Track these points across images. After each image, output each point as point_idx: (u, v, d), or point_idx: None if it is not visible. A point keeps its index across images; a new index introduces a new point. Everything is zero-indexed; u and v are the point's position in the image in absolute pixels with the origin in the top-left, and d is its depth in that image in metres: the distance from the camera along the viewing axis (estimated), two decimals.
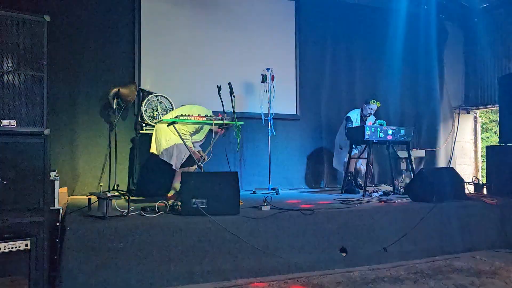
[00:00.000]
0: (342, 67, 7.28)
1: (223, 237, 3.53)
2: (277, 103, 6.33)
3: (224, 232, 3.53)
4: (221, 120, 4.45)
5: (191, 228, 3.46)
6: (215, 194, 3.70)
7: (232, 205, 3.73)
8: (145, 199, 5.02)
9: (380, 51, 7.58)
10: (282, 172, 6.72)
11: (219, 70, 6.29)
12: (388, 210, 4.24)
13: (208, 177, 3.83)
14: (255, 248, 3.60)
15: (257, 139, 6.60)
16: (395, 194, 5.51)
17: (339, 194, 5.65)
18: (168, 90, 5.91)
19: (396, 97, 7.69)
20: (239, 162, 6.51)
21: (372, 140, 5.26)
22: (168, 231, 3.40)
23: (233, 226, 3.57)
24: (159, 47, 6.06)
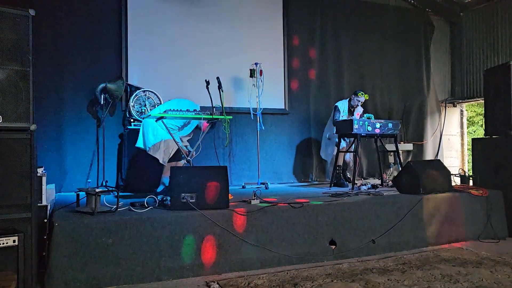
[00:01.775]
0: (331, 61, 7.31)
1: (213, 231, 3.54)
2: (265, 98, 6.34)
3: (214, 226, 3.54)
4: (209, 114, 4.44)
5: (180, 222, 3.47)
6: (204, 188, 3.70)
7: (222, 199, 3.74)
8: (134, 195, 5.01)
9: (368, 44, 7.63)
10: (271, 166, 6.75)
11: (207, 64, 6.27)
12: (377, 203, 4.28)
13: (197, 171, 3.83)
14: (244, 241, 3.62)
15: (246, 133, 6.61)
16: (383, 187, 5.56)
17: (328, 187, 5.69)
18: (156, 85, 5.88)
19: (384, 90, 7.75)
20: (228, 157, 6.51)
21: (360, 133, 5.30)
22: (158, 225, 3.40)
23: (222, 219, 3.59)
24: (147, 42, 6.03)
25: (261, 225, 3.73)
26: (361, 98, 5.97)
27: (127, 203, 3.93)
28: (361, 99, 5.98)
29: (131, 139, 5.47)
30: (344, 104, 6.09)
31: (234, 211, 3.67)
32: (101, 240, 3.24)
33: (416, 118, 7.89)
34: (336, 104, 6.09)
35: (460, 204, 4.70)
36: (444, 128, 8.12)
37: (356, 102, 6.00)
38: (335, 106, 6.07)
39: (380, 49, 7.74)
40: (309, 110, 7.14)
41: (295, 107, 7.04)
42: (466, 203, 4.73)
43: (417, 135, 7.85)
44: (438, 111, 8.12)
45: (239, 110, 6.48)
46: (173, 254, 3.41)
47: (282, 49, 6.93)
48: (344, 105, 6.07)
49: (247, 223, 3.68)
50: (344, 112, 6.04)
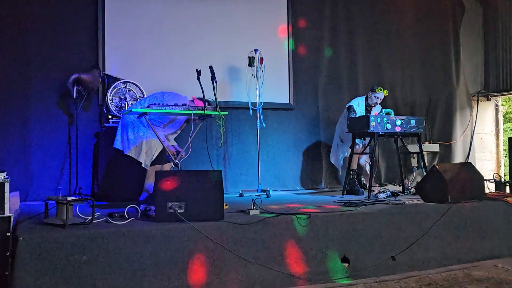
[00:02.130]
0: (343, 48, 7.32)
1: (205, 247, 3.54)
2: (267, 90, 6.35)
3: (206, 241, 3.54)
4: (201, 110, 4.45)
5: (167, 236, 3.47)
6: (195, 196, 3.70)
7: (215, 209, 3.74)
8: (113, 204, 5.01)
9: (387, 29, 7.64)
10: (274, 171, 6.76)
11: (198, 51, 6.28)
12: (397, 213, 4.28)
13: (187, 176, 3.83)
14: (242, 258, 3.62)
15: (244, 132, 6.61)
16: (404, 195, 5.56)
17: (340, 195, 5.70)
18: (138, 75, 5.88)
19: (406, 82, 7.76)
20: (223, 159, 6.52)
21: (377, 132, 5.31)
22: (140, 240, 3.40)
23: (216, 233, 3.58)
24: (127, 25, 6.03)
25: (262, 239, 3.73)
26: (380, 94, 5.94)
27: (104, 213, 3.93)
28: (380, 96, 5.95)
29: (109, 139, 5.46)
30: (360, 103, 6.07)
31: (230, 223, 3.66)
32: (73, 257, 3.24)
33: (443, 114, 7.90)
34: (351, 104, 6.06)
35: (495, 214, 4.70)
36: (476, 125, 8.13)
37: (374, 100, 5.97)
38: (349, 106, 6.04)
39: (401, 33, 7.75)
40: (318, 105, 7.16)
41: (302, 101, 7.04)
42: (502, 213, 4.73)
43: (444, 134, 7.86)
44: (469, 106, 8.12)
45: (236, 104, 6.48)
46: (158, 273, 3.41)
47: (286, 33, 6.95)
48: (360, 104, 6.05)
49: (246, 237, 3.68)
50: (361, 112, 6.02)
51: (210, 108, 4.48)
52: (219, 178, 3.79)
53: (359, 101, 6.11)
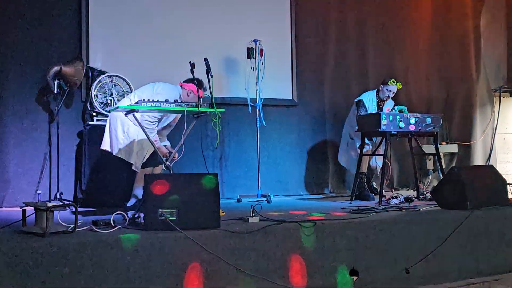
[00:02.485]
0: (352, 37, 7.34)
1: (200, 258, 3.54)
2: (267, 85, 6.36)
3: (201, 251, 3.54)
4: (195, 106, 4.45)
5: (157, 246, 3.47)
6: (188, 202, 3.70)
7: (211, 216, 3.74)
8: (98, 210, 5.01)
9: (400, 17, 7.65)
10: (275, 174, 6.77)
11: (192, 42, 6.28)
12: (411, 221, 4.28)
13: (179, 180, 3.82)
14: (240, 271, 3.62)
15: (242, 131, 6.63)
16: (419, 200, 5.57)
17: (349, 201, 5.70)
18: (126, 68, 5.88)
19: (421, 76, 7.78)
20: (219, 161, 6.53)
21: (389, 131, 5.31)
22: (128, 250, 3.40)
23: (212, 243, 3.58)
24: (114, 14, 6.04)
25: (262, 249, 3.73)
26: (393, 87, 5.95)
27: (88, 221, 3.93)
28: (393, 89, 5.97)
29: (93, 138, 5.48)
30: (370, 97, 6.09)
31: (227, 232, 3.66)
32: (54, 269, 3.24)
33: (462, 112, 7.91)
34: (360, 98, 6.09)
35: None
36: (498, 124, 8.13)
37: (386, 94, 5.99)
38: (359, 101, 6.07)
39: (415, 21, 7.77)
40: (324, 101, 7.18)
41: (306, 96, 7.06)
42: None
43: (463, 134, 7.87)
44: (490, 103, 8.13)
45: (234, 100, 6.49)
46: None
47: (289, 21, 6.97)
48: (371, 99, 6.07)
49: (244, 247, 3.68)
50: (372, 108, 6.04)
51: (204, 104, 4.48)
52: (215, 182, 3.79)
53: (369, 95, 6.11)
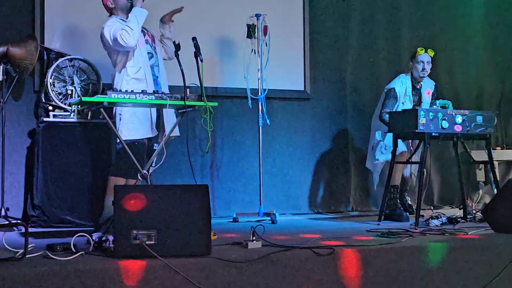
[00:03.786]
0: (381, 12, 7.40)
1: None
2: (273, 73, 6.38)
3: (187, 285, 3.54)
4: (180, 99, 4.46)
5: (131, 277, 3.47)
6: (171, 222, 3.71)
7: (199, 240, 3.74)
8: (54, 231, 4.99)
9: None
10: (282, 186, 6.79)
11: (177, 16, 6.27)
12: (456, 248, 4.28)
13: (159, 193, 3.82)
14: None
15: (239, 130, 6.66)
16: (467, 222, 5.56)
17: (376, 222, 5.70)
18: (92, 50, 5.87)
19: (469, 62, 7.78)
20: (209, 169, 6.55)
21: (429, 132, 5.31)
22: (93, 283, 3.40)
23: (200, 274, 3.59)
24: None
25: (265, 283, 3.73)
26: (423, 56, 6.06)
27: (42, 245, 3.93)
28: (424, 58, 6.07)
29: (49, 139, 5.47)
30: (404, 82, 6.15)
31: (220, 260, 3.67)
32: None
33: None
34: (391, 86, 6.12)
35: None
36: None
37: (419, 69, 6.08)
38: (389, 90, 6.11)
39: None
40: (346, 93, 7.20)
41: (323, 88, 7.09)
42: None
43: None
44: None
45: (229, 92, 6.52)
46: None
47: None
48: (404, 84, 6.13)
49: (242, 280, 3.68)
50: (407, 95, 6.09)
51: (192, 97, 4.49)
52: (205, 196, 3.80)
53: (402, 80, 6.18)
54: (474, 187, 7.26)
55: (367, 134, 6.66)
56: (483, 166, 6.92)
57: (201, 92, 4.58)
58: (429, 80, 6.27)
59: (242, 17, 6.29)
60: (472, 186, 7.26)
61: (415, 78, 6.13)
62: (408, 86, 6.11)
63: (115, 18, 4.92)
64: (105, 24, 4.88)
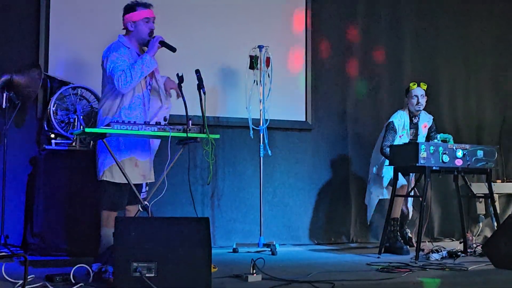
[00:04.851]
0: (384, 43, 7.45)
1: None
2: (275, 103, 6.38)
3: None
4: (182, 131, 4.48)
5: None
6: (171, 255, 3.70)
7: (199, 273, 3.72)
8: (54, 260, 4.98)
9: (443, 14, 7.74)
10: (282, 216, 6.78)
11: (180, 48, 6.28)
12: (457, 283, 4.26)
13: (159, 225, 3.83)
14: None
15: (240, 161, 6.66)
16: (467, 256, 5.54)
17: (376, 254, 5.68)
18: (95, 79, 5.85)
19: (470, 93, 7.81)
20: (210, 198, 6.53)
21: (430, 166, 5.31)
22: None
23: None
24: (81, 9, 6.08)
25: None
26: (417, 90, 6.10)
27: (42, 275, 3.92)
28: (417, 92, 6.10)
29: (50, 167, 5.50)
30: (403, 116, 6.17)
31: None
32: None
33: None
34: (390, 120, 6.16)
35: None
36: None
37: (413, 103, 6.10)
38: (388, 124, 6.15)
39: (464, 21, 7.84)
40: (347, 124, 7.22)
41: (323, 119, 7.11)
42: None
43: None
44: None
45: (231, 122, 6.53)
46: None
47: (303, 23, 7.03)
48: (402, 119, 6.15)
49: None
50: (404, 129, 6.12)
51: (195, 129, 4.50)
52: (206, 229, 3.79)
53: (401, 114, 6.19)
54: (475, 219, 7.24)
55: (367, 165, 6.65)
56: (483, 199, 6.90)
57: (203, 124, 4.60)
58: (426, 114, 6.29)
59: (245, 48, 6.32)
60: (472, 219, 7.25)
61: (412, 112, 6.15)
62: (406, 120, 6.14)
63: (124, 49, 4.77)
64: (111, 49, 4.75)
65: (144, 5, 4.86)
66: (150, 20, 4.87)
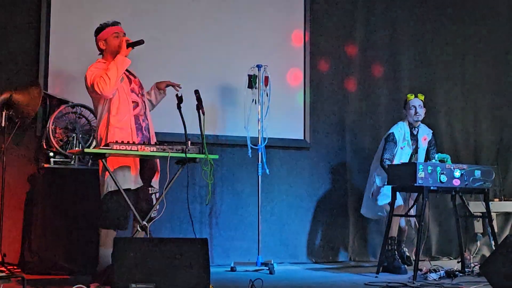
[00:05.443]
0: (381, 62, 7.48)
1: None
2: (273, 122, 6.41)
3: None
4: (181, 151, 4.49)
5: None
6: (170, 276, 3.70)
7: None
8: (51, 279, 4.96)
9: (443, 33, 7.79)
10: (280, 235, 6.77)
11: (179, 68, 6.34)
12: None
13: (158, 246, 3.83)
14: None
15: (239, 179, 6.67)
16: (465, 275, 5.53)
17: (374, 274, 5.67)
18: None
19: (467, 113, 7.83)
20: (208, 216, 6.52)
21: (428, 186, 5.32)
22: None
23: None
24: (81, 29, 6.09)
25: None
26: (414, 101, 6.16)
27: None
28: (415, 103, 6.16)
29: (48, 185, 5.51)
30: (403, 128, 6.22)
31: None
32: None
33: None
34: (391, 131, 6.20)
35: None
36: None
37: (412, 113, 6.15)
38: (389, 135, 6.18)
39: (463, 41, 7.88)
40: (345, 143, 7.25)
41: (322, 137, 7.13)
42: None
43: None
44: None
45: (230, 140, 6.55)
46: None
47: (302, 43, 7.07)
48: (403, 130, 6.20)
49: None
50: (405, 140, 6.16)
51: (194, 149, 4.52)
52: (204, 250, 3.80)
53: (401, 126, 6.23)
54: (472, 238, 7.22)
55: (366, 184, 6.66)
56: (481, 219, 6.90)
57: (202, 145, 4.61)
58: (426, 127, 6.33)
59: (244, 67, 6.33)
60: (470, 238, 7.23)
61: (411, 123, 6.19)
62: (406, 131, 6.18)
63: (101, 63, 4.87)
64: (90, 66, 4.85)
65: (112, 23, 4.96)
66: (119, 35, 4.93)
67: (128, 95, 4.86)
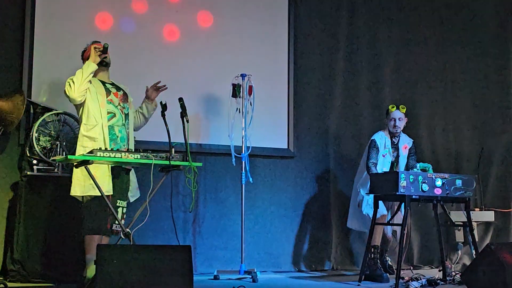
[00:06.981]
0: (363, 73, 7.53)
1: None
2: (257, 131, 6.43)
3: None
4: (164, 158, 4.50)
5: None
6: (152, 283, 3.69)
7: None
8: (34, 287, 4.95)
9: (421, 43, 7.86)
10: (263, 244, 6.77)
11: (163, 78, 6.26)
12: None
13: (141, 253, 3.83)
14: None
15: (222, 188, 6.67)
16: (446, 284, 5.56)
17: (357, 282, 5.70)
18: None
19: (448, 123, 7.87)
20: (192, 225, 6.52)
21: (410, 195, 5.36)
22: None
23: None
24: (64, 37, 6.09)
25: None
26: (395, 113, 6.19)
27: None
28: (395, 115, 6.20)
29: (32, 193, 5.49)
30: (382, 137, 6.27)
31: None
32: None
33: (501, 171, 7.94)
34: (373, 138, 6.26)
35: None
36: None
37: (391, 125, 6.21)
38: (371, 141, 6.24)
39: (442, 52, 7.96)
40: (329, 152, 7.28)
41: (305, 146, 7.16)
42: None
43: (501, 198, 7.88)
44: None
45: (214, 149, 6.56)
46: None
47: (285, 52, 7.11)
48: (383, 139, 6.25)
49: None
50: (386, 148, 6.21)
51: (177, 157, 4.53)
52: (188, 258, 3.81)
53: (381, 135, 6.29)
54: (453, 247, 7.27)
55: (349, 193, 6.70)
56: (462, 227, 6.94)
57: (186, 152, 4.63)
58: (406, 137, 6.37)
59: (228, 76, 6.36)
60: (451, 247, 7.27)
61: (391, 133, 6.25)
62: (387, 140, 6.23)
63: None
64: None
65: (92, 42, 5.12)
66: (97, 47, 5.04)
67: (102, 105, 4.93)
